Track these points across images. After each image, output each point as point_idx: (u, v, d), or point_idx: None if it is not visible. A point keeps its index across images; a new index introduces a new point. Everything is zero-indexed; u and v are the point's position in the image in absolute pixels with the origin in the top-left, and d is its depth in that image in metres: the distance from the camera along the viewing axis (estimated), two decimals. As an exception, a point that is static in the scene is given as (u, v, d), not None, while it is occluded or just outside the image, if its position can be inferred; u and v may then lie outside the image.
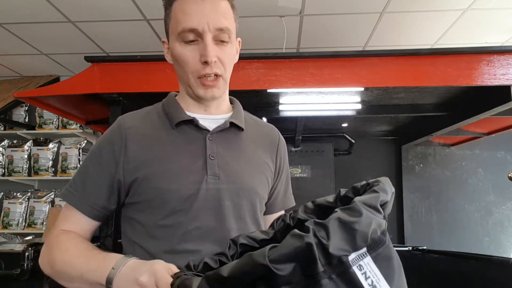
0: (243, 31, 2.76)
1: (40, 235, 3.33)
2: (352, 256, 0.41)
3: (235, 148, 0.92)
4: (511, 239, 3.42)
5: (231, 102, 1.00)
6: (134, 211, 0.88)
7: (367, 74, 1.84)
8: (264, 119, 2.40)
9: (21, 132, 3.57)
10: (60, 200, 3.45)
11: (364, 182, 0.58)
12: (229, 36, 0.86)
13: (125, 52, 3.14)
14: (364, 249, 0.42)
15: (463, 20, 2.70)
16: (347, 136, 3.32)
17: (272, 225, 0.74)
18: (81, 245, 0.82)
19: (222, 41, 0.86)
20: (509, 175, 2.25)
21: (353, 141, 3.36)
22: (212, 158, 0.87)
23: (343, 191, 0.63)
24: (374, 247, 0.43)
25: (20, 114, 3.70)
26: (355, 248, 0.41)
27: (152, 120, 0.93)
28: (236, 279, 0.40)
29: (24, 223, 3.48)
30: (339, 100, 2.23)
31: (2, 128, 3.66)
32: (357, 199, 0.44)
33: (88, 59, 1.89)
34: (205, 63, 0.84)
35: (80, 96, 1.99)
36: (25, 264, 1.35)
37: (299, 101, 2.27)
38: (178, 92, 0.98)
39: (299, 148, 3.35)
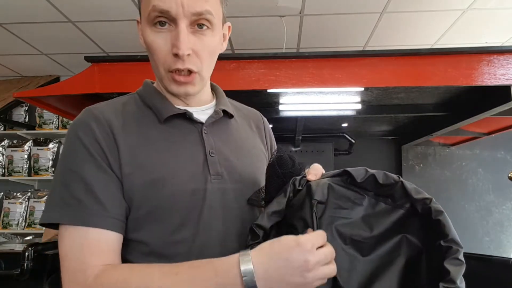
0: (243, 31, 2.77)
1: (40, 235, 3.32)
2: None
3: (230, 140, 0.82)
4: (511, 239, 3.42)
5: (212, 87, 0.88)
6: (130, 230, 0.71)
7: (367, 74, 1.84)
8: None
9: (21, 132, 3.56)
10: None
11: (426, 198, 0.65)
12: (210, 22, 0.70)
13: (125, 52, 3.13)
14: None
15: (463, 20, 2.69)
16: (347, 136, 3.32)
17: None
18: (154, 270, 0.63)
19: (201, 28, 0.70)
20: (509, 175, 2.25)
21: (353, 141, 3.36)
22: (213, 155, 0.76)
23: (372, 173, 0.69)
24: None
25: (20, 114, 3.69)
26: None
27: (133, 113, 0.76)
28: None
29: (24, 223, 3.48)
30: (339, 100, 2.23)
31: (2, 128, 3.66)
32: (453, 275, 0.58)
33: (88, 59, 1.89)
34: (176, 55, 0.69)
35: (80, 96, 2.00)
36: (25, 264, 1.35)
37: (299, 101, 2.27)
38: (154, 81, 0.85)
39: (299, 148, 3.35)
